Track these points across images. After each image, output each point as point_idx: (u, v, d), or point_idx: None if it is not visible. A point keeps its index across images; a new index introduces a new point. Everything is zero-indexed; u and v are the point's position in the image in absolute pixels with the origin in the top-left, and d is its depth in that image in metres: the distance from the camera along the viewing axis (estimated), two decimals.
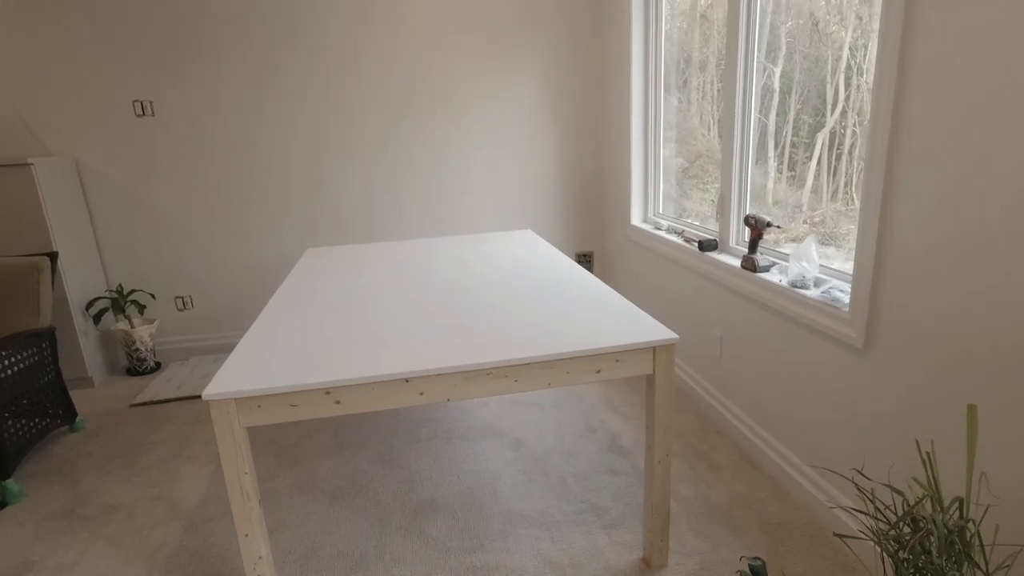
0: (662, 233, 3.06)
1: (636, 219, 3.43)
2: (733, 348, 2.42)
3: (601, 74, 3.70)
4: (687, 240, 2.82)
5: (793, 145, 2.47)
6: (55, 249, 3.00)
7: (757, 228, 2.21)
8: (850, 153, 2.16)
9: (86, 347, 3.21)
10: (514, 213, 3.86)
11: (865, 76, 2.06)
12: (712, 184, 3.09)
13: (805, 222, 2.38)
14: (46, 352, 2.60)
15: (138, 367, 3.40)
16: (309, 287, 2.21)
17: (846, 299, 1.80)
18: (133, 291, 3.43)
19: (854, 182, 2.16)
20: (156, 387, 3.20)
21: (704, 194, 3.12)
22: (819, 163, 2.33)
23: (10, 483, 2.23)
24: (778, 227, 2.18)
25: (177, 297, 3.57)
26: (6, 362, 2.29)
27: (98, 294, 3.36)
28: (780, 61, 2.49)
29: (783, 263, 2.21)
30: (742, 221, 2.48)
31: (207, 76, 3.31)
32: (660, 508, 1.71)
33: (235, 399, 1.38)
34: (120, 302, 3.34)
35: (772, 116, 2.60)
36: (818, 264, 1.99)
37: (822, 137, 2.28)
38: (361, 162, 3.59)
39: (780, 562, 1.76)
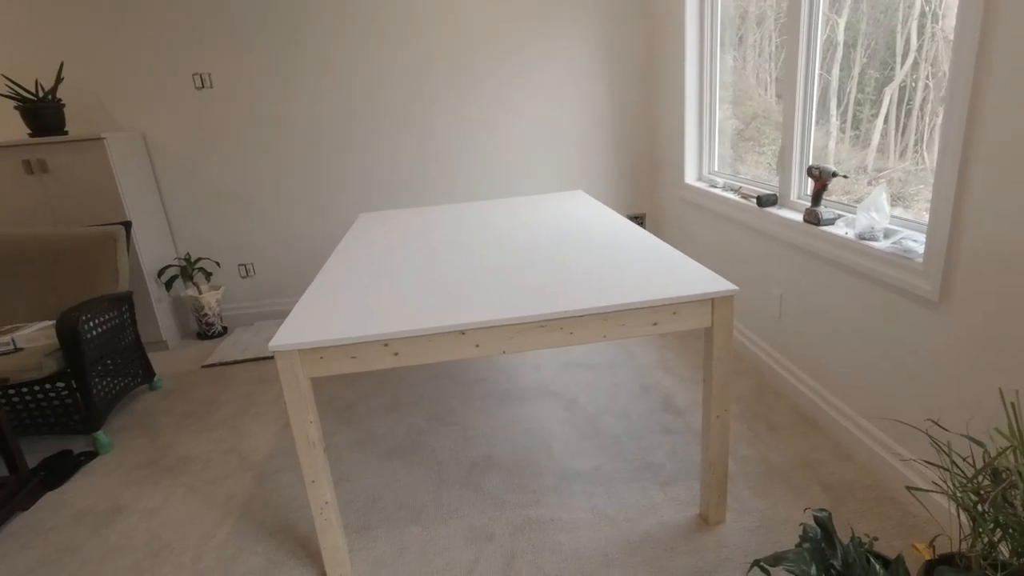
0: (718, 191, 2.96)
1: (690, 177, 3.32)
2: (793, 306, 2.33)
3: (654, 29, 3.56)
4: (744, 196, 2.71)
5: (857, 102, 2.32)
6: (129, 219, 3.17)
7: (821, 179, 2.10)
8: (921, 108, 2.00)
9: (160, 312, 3.40)
10: (564, 175, 3.81)
11: (941, 22, 1.88)
12: (768, 146, 2.95)
13: (870, 183, 2.23)
14: (125, 315, 2.77)
15: (207, 331, 3.58)
16: (364, 248, 2.26)
17: (920, 249, 1.70)
18: (200, 259, 3.60)
19: (925, 139, 2.00)
20: (224, 350, 3.36)
21: (760, 157, 2.98)
22: (886, 120, 2.17)
23: (100, 435, 2.41)
24: (844, 176, 2.06)
25: (240, 264, 3.72)
26: (92, 323, 2.45)
27: (168, 262, 3.54)
28: (845, 12, 2.33)
29: (849, 215, 2.10)
30: (804, 172, 2.36)
31: (263, 46, 3.37)
32: (718, 464, 1.69)
33: (299, 350, 1.43)
34: (188, 269, 3.51)
35: (835, 72, 2.42)
36: (889, 215, 1.88)
37: (890, 92, 2.12)
38: (415, 128, 3.60)
39: (844, 521, 1.72)
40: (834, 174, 2.06)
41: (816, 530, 1.23)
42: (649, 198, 3.91)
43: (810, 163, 2.32)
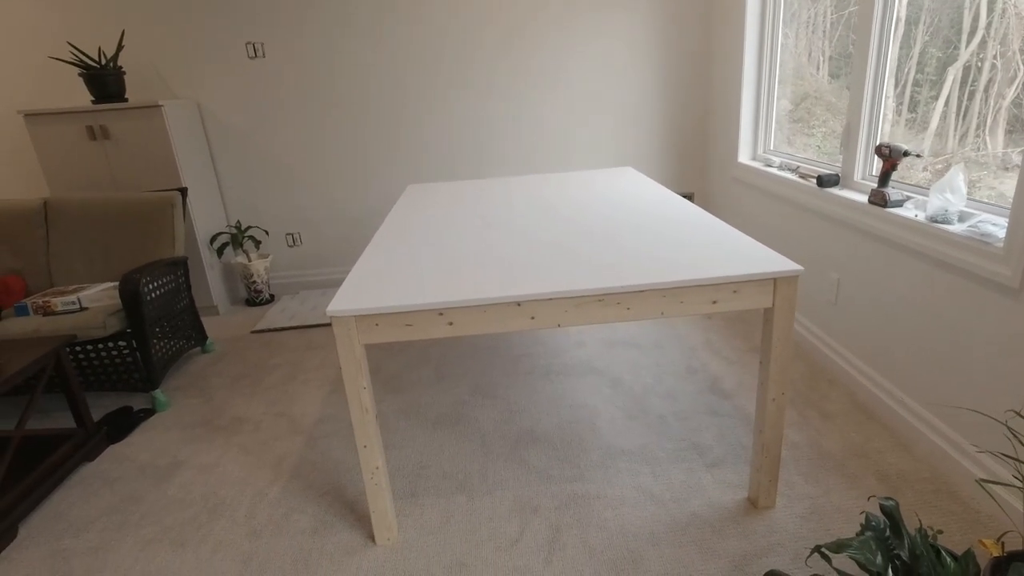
0: (774, 170, 2.86)
1: (744, 157, 3.22)
2: (851, 292, 2.25)
3: (713, 1, 3.43)
4: (802, 176, 2.61)
5: (916, 83, 2.20)
6: (184, 185, 3.25)
7: (892, 158, 2.00)
8: (986, 90, 1.88)
9: (211, 278, 3.49)
10: (613, 152, 3.73)
11: None
12: (819, 128, 2.83)
13: (925, 169, 2.12)
14: (181, 279, 2.86)
15: (255, 298, 3.67)
16: (416, 218, 2.26)
17: (1000, 233, 1.60)
18: (249, 227, 3.68)
19: (988, 123, 1.88)
20: (272, 317, 3.45)
21: (809, 139, 2.87)
22: (947, 103, 2.04)
23: (158, 393, 2.50)
24: (918, 155, 1.96)
25: (288, 234, 3.79)
26: (151, 285, 2.53)
27: (220, 229, 3.62)
28: None
29: (919, 197, 2.00)
30: (872, 151, 2.25)
31: (315, 17, 3.38)
32: (771, 448, 1.65)
33: (355, 316, 1.45)
34: (239, 237, 3.59)
35: (894, 50, 2.27)
36: (965, 196, 1.78)
37: (954, 72, 1.99)
38: (462, 101, 3.58)
39: (904, 512, 1.67)
40: (906, 153, 1.96)
41: (880, 519, 1.20)
42: (699, 177, 3.81)
43: (879, 136, 2.22)
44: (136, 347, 2.44)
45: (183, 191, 2.93)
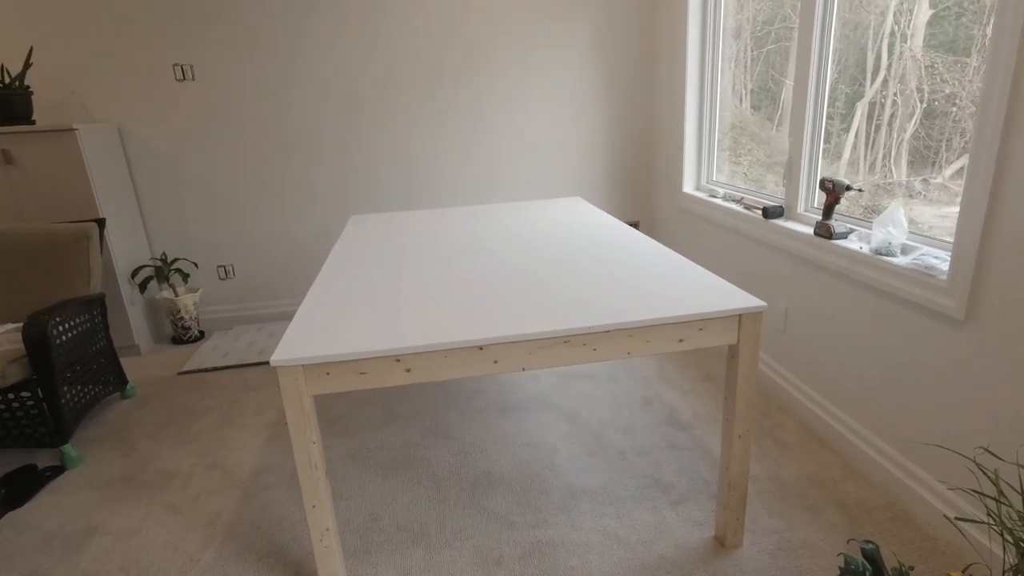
0: (718, 201, 2.92)
1: (688, 186, 3.29)
2: (800, 321, 2.29)
3: (654, 36, 3.52)
4: (747, 207, 2.68)
5: (829, 116, 2.40)
6: (101, 216, 2.99)
7: (834, 192, 2.07)
8: (890, 124, 2.07)
9: (133, 315, 3.21)
10: (555, 181, 3.73)
11: (909, 42, 1.97)
12: (744, 156, 2.99)
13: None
14: (97, 319, 2.60)
15: (183, 335, 3.40)
16: (363, 252, 2.14)
17: (943, 266, 1.66)
18: (176, 260, 3.42)
19: (892, 154, 2.06)
20: (202, 355, 3.19)
21: (736, 167, 3.02)
22: (856, 135, 2.25)
23: (68, 448, 2.23)
24: (859, 190, 2.03)
25: (219, 266, 3.55)
26: (62, 327, 2.28)
27: (143, 262, 3.35)
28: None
29: (862, 229, 2.07)
30: (815, 184, 2.33)
31: (250, 39, 3.22)
32: (737, 485, 1.63)
33: (303, 366, 1.32)
34: (164, 270, 3.33)
35: (812, 84, 2.48)
36: (906, 230, 1.85)
37: (861, 107, 2.19)
38: (399, 128, 3.49)
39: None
40: (848, 187, 2.03)
41: (858, 562, 1.18)
42: (644, 205, 3.87)
43: (819, 170, 2.30)
44: (43, 397, 2.17)
45: (100, 222, 2.69)
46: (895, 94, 2.04)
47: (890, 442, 1.87)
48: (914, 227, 1.90)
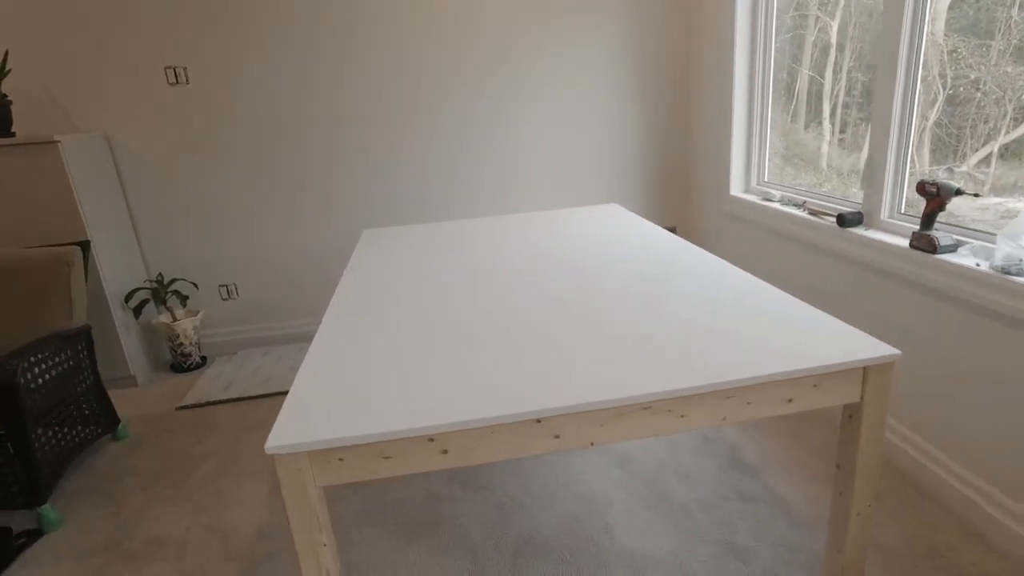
0: (775, 205, 2.58)
1: (736, 189, 2.95)
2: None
3: (690, 19, 3.18)
4: (813, 213, 2.34)
5: (845, 105, 2.34)
6: (88, 237, 2.70)
7: (939, 197, 1.73)
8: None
9: (127, 343, 2.93)
10: (583, 187, 3.41)
11: (930, 26, 1.84)
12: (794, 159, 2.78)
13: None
14: (82, 355, 2.32)
15: (183, 363, 3.12)
16: (378, 277, 1.83)
17: None
18: (174, 280, 3.14)
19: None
20: (203, 387, 2.91)
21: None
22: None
23: (46, 510, 1.95)
24: (974, 195, 1.69)
25: (221, 286, 3.27)
26: (36, 370, 1.99)
27: (137, 284, 3.07)
28: (838, 14, 2.36)
29: (973, 242, 1.73)
30: (900, 187, 1.99)
31: (249, 39, 2.92)
32: (853, 568, 1.30)
33: (308, 452, 1.01)
34: (161, 292, 3.04)
35: (829, 73, 2.43)
36: None
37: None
38: (415, 134, 3.18)
39: None
40: (959, 191, 1.69)
41: None
42: (681, 209, 3.53)
43: (907, 169, 1.96)
44: (13, 453, 1.89)
45: (83, 245, 2.40)
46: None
47: (1012, 495, 1.54)
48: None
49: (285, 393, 2.78)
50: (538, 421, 1.06)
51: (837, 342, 1.19)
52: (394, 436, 1.01)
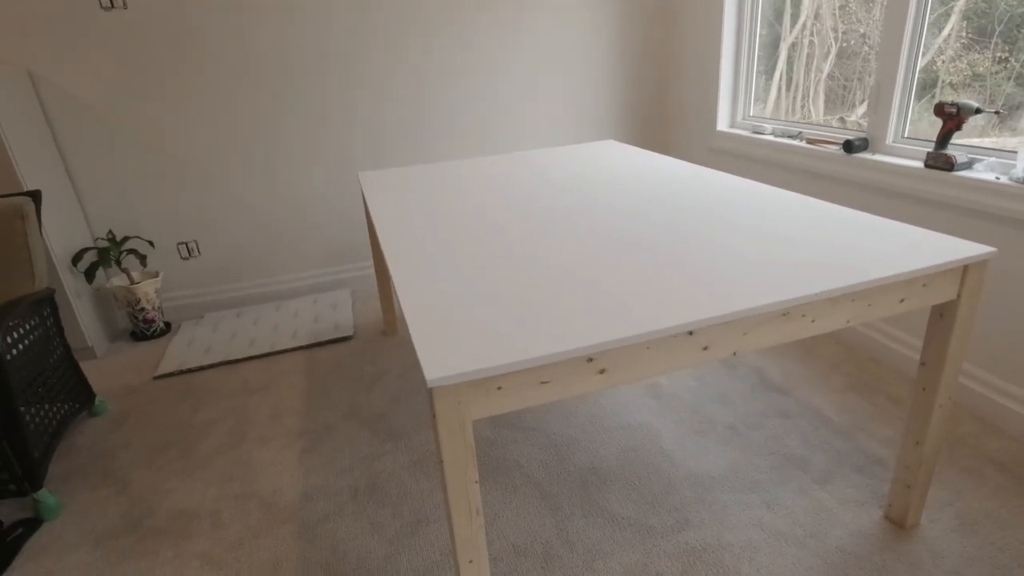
0: (769, 137, 2.65)
1: (723, 124, 2.99)
2: None
3: None
4: (812, 142, 2.42)
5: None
6: (26, 187, 2.33)
7: (959, 116, 1.83)
8: (807, 66, 2.20)
9: (80, 311, 2.59)
10: (569, 127, 3.34)
11: None
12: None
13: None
14: (49, 322, 2.02)
15: (146, 330, 2.81)
16: (436, 221, 1.70)
17: None
18: (127, 238, 2.79)
19: (811, 95, 2.17)
20: (178, 353, 2.64)
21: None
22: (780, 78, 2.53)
23: (44, 495, 1.71)
24: (996, 112, 1.80)
25: (180, 244, 2.94)
26: (13, 336, 1.71)
27: (84, 244, 2.70)
28: None
29: (987, 159, 1.85)
30: (905, 110, 2.09)
31: None
32: (929, 461, 1.40)
33: (468, 383, 0.93)
34: (114, 252, 2.70)
35: (786, 20, 2.47)
36: None
37: (784, 50, 2.39)
38: (403, 72, 2.95)
39: None
40: (978, 110, 1.79)
41: None
42: (665, 148, 3.55)
43: (913, 94, 2.06)
44: (2, 435, 1.63)
45: (35, 195, 2.06)
46: (811, 35, 2.12)
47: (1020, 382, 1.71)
48: None
49: (278, 353, 2.59)
50: (690, 333, 1.03)
51: (934, 245, 1.24)
52: (554, 359, 0.95)
